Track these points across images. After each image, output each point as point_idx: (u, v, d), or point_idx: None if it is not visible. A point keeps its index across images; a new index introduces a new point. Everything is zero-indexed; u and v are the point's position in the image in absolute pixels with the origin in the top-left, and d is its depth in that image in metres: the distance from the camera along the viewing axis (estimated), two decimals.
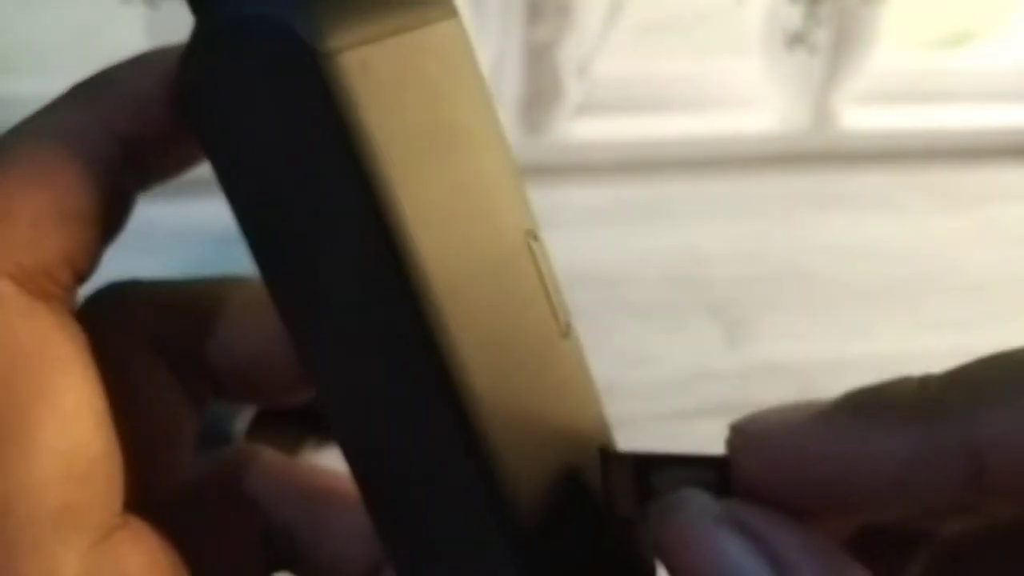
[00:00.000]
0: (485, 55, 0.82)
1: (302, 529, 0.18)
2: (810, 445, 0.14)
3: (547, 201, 0.18)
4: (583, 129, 0.86)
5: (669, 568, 0.14)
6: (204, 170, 0.16)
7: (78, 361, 0.14)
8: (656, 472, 0.16)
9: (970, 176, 0.85)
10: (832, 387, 0.19)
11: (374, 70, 0.13)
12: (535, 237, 0.16)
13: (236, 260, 0.17)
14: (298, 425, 0.42)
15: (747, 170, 0.83)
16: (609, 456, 0.16)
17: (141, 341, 0.16)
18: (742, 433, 0.15)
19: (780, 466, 0.14)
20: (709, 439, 0.17)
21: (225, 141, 0.14)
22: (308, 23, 0.13)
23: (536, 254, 0.16)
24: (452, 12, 0.15)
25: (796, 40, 0.82)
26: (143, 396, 0.15)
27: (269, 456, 0.19)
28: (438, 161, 0.14)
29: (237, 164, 0.14)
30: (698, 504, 0.14)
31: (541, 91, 0.82)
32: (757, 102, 0.90)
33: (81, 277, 0.15)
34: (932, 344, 0.59)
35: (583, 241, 0.70)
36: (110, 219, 0.15)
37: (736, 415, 0.15)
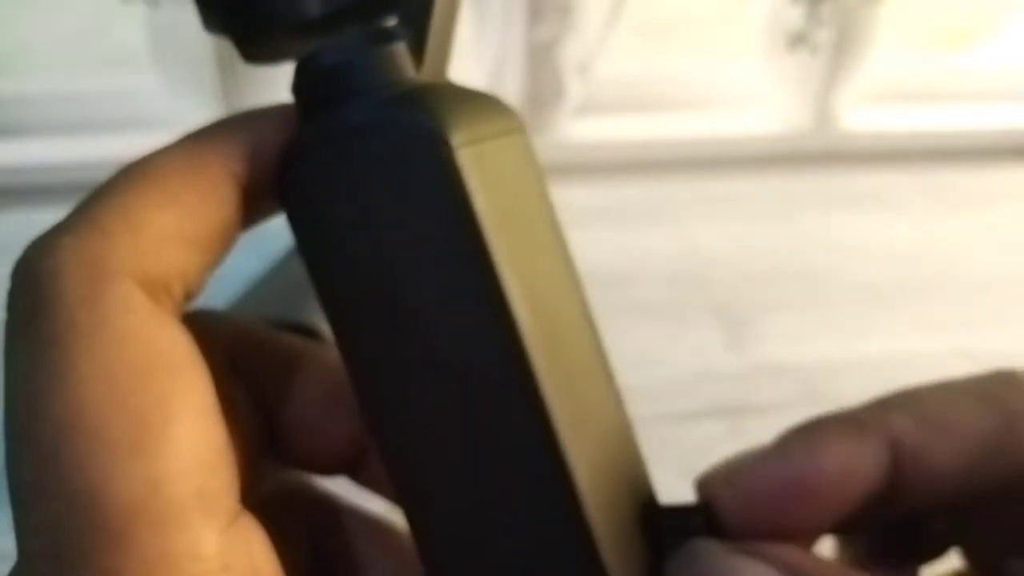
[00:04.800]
0: (486, 55, 0.82)
1: (345, 567, 0.20)
2: (769, 470, 0.17)
3: None
4: (584, 129, 0.86)
5: None
6: None
7: (199, 361, 0.15)
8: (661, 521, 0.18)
9: (970, 176, 0.85)
10: (833, 387, 0.19)
11: (484, 164, 0.15)
12: (587, 310, 0.18)
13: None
14: None
15: (748, 170, 0.83)
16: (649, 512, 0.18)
17: (224, 361, 0.17)
18: (711, 478, 0.18)
19: (751, 494, 0.17)
20: (711, 440, 0.17)
21: (332, 227, 0.16)
22: (438, 122, 0.15)
23: (593, 328, 0.18)
24: (522, 127, 0.18)
25: (797, 40, 0.82)
26: (231, 405, 0.16)
27: (319, 490, 0.20)
28: (525, 245, 0.16)
29: (339, 250, 0.16)
30: (710, 546, 0.17)
31: (542, 91, 0.82)
32: (758, 102, 0.90)
33: (189, 297, 0.16)
34: (932, 344, 0.59)
35: (583, 241, 0.69)
36: (219, 249, 0.16)
37: (737, 416, 0.16)
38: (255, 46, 0.17)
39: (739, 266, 0.68)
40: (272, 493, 0.19)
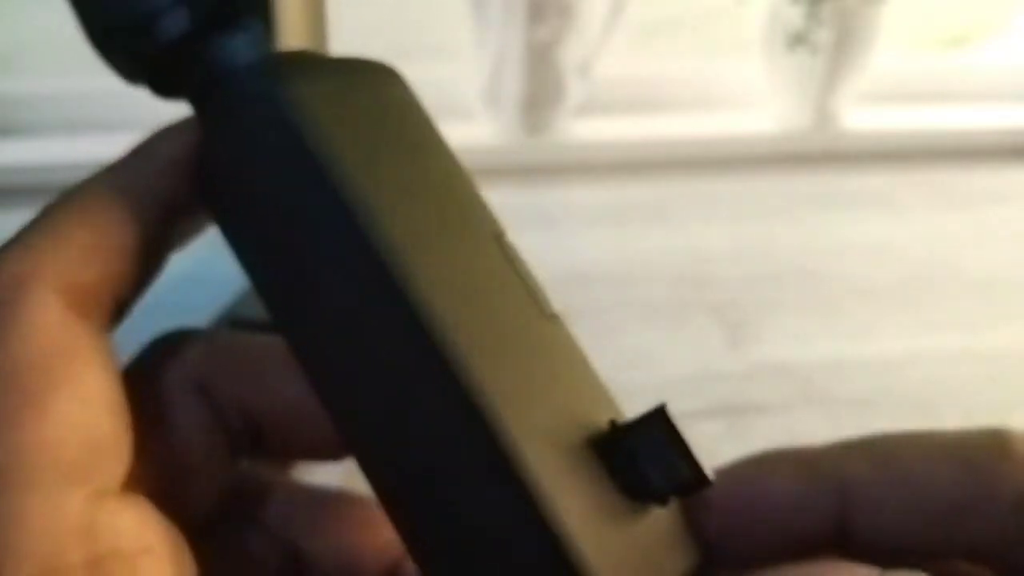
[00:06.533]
0: (486, 55, 0.82)
1: (321, 561, 0.20)
2: (721, 485, 0.18)
3: (548, 201, 0.18)
4: (584, 129, 0.86)
5: None
6: None
7: (100, 361, 0.17)
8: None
9: (970, 176, 0.85)
10: (833, 387, 0.19)
11: (331, 114, 0.16)
12: (501, 236, 0.18)
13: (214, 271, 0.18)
14: None
15: (748, 170, 0.83)
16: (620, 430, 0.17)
17: (186, 380, 0.19)
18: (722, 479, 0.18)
19: (735, 510, 0.18)
20: (711, 440, 0.17)
21: (233, 209, 0.17)
22: (274, 84, 0.16)
23: (508, 252, 0.18)
24: (394, 80, 0.19)
25: (797, 40, 0.82)
26: (179, 425, 0.18)
27: (289, 483, 0.21)
28: (405, 176, 0.17)
29: (242, 228, 0.17)
30: None
31: (542, 91, 0.82)
32: (758, 102, 0.90)
33: (120, 304, 0.18)
34: (932, 344, 0.59)
35: (583, 241, 0.69)
36: (147, 262, 0.18)
37: (737, 416, 0.16)
38: (160, 80, 0.19)
39: (739, 266, 0.68)
40: (228, 493, 0.20)
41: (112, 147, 0.18)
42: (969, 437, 0.17)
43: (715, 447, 0.17)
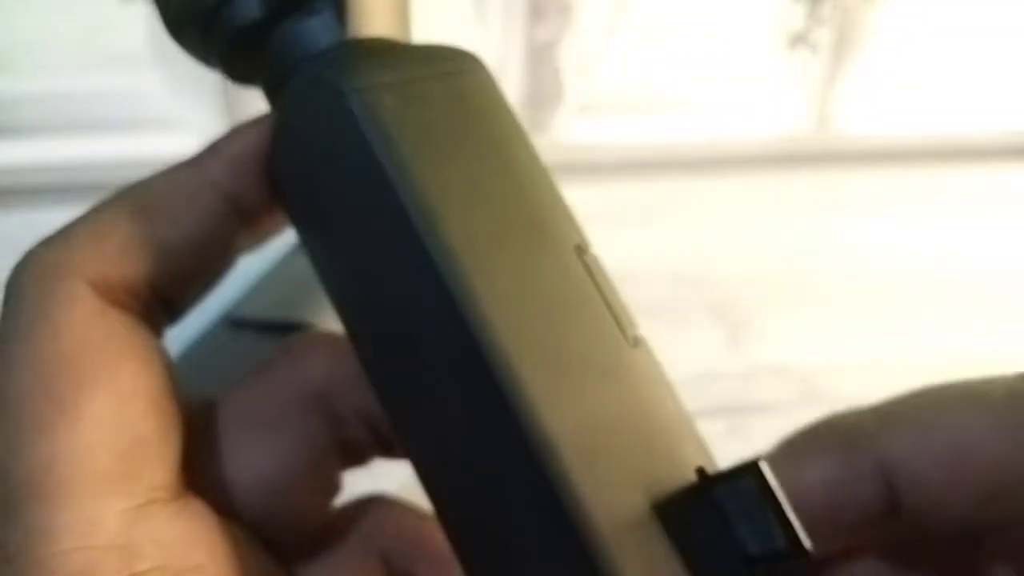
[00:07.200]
0: (486, 55, 0.82)
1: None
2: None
3: None
4: (584, 129, 0.86)
5: None
6: None
7: (141, 354, 0.16)
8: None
9: (970, 176, 0.85)
10: (834, 387, 0.19)
11: (395, 105, 0.15)
12: (584, 248, 0.17)
13: None
14: None
15: (748, 170, 0.83)
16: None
17: (306, 388, 0.18)
18: None
19: None
20: (711, 440, 0.17)
21: (300, 204, 0.16)
22: (339, 74, 0.15)
23: (590, 267, 0.16)
24: (472, 68, 0.18)
25: (797, 40, 0.82)
26: (290, 435, 0.17)
27: (395, 506, 0.20)
28: (475, 178, 0.15)
29: (309, 226, 0.16)
30: None
31: (542, 91, 0.82)
32: (758, 102, 0.90)
33: (167, 301, 0.17)
34: (932, 344, 0.59)
35: None
36: (204, 260, 0.17)
37: (737, 416, 0.16)
38: (234, 67, 0.18)
39: (739, 266, 0.68)
40: (335, 512, 0.19)
41: (112, 147, 0.17)
42: (1007, 387, 0.15)
43: (715, 447, 0.17)
